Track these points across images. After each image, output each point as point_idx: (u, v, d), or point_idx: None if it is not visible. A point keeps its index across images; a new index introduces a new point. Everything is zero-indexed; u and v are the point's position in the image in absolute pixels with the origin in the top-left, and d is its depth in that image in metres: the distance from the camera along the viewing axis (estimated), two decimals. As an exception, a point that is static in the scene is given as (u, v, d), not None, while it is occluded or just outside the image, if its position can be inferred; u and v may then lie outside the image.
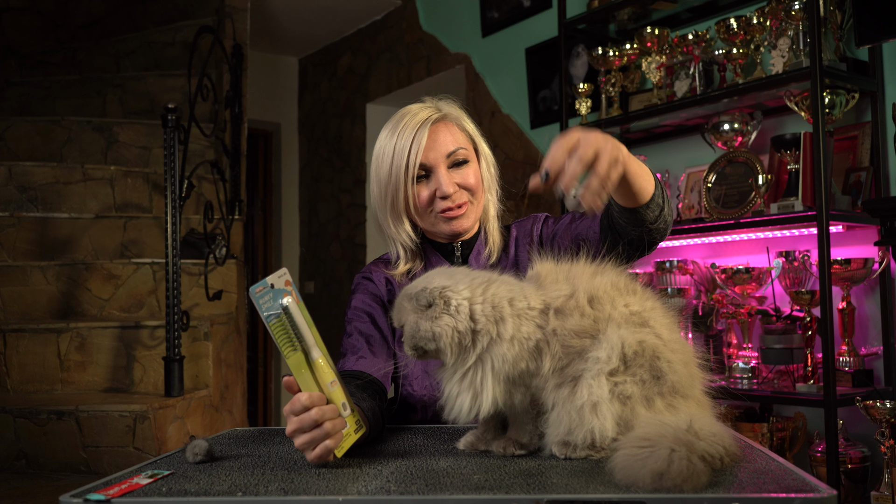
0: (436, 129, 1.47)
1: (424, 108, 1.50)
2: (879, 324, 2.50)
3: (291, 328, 1.06)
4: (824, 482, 1.24)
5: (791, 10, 2.49)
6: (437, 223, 1.49)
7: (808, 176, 2.47)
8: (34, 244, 3.25)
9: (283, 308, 1.06)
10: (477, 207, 1.51)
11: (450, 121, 1.50)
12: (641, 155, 3.04)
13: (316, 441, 1.04)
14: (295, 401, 1.04)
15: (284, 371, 5.77)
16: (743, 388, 2.55)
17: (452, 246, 1.54)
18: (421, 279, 1.12)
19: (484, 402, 1.05)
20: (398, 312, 1.11)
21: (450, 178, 1.46)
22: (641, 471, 0.89)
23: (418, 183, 1.47)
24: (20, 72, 4.47)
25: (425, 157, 1.45)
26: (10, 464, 2.45)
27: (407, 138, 1.45)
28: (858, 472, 2.36)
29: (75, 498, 0.90)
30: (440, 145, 1.46)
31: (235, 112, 3.77)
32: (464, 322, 1.05)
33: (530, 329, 1.06)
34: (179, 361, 2.62)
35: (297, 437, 1.04)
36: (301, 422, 1.03)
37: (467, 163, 1.49)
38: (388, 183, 1.47)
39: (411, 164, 1.44)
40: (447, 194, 1.45)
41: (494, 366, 1.05)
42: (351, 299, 1.54)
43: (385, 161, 1.47)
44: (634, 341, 1.05)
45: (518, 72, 3.96)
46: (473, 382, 1.05)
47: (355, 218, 5.36)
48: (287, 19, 5.20)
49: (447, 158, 1.46)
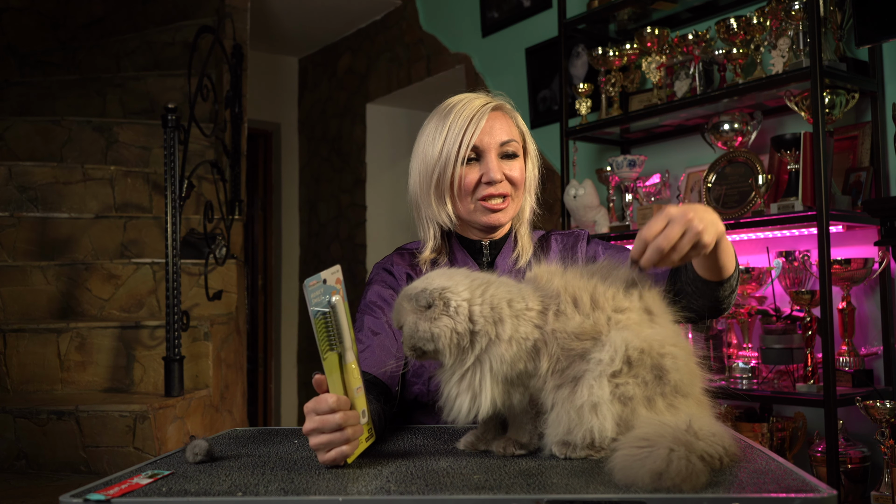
0: (494, 116, 1.49)
1: (480, 96, 1.51)
2: (879, 324, 2.50)
3: (335, 327, 1.06)
4: (824, 482, 1.24)
5: (791, 10, 2.49)
6: (476, 212, 1.49)
7: (808, 176, 2.47)
8: (34, 244, 3.25)
9: (332, 306, 1.05)
10: (516, 204, 1.52)
11: (506, 112, 1.52)
12: (641, 155, 3.04)
13: (333, 444, 1.03)
14: (321, 400, 1.04)
15: (293, 366, 5.78)
16: (743, 388, 2.55)
17: (481, 245, 1.54)
18: (420, 280, 1.12)
19: (483, 403, 1.05)
20: (397, 313, 1.11)
21: (499, 165, 1.47)
22: (640, 471, 0.89)
23: (467, 164, 1.47)
24: (20, 72, 4.47)
25: (480, 139, 1.46)
26: (10, 464, 2.45)
27: (465, 118, 1.46)
28: (858, 472, 2.36)
29: (75, 498, 0.90)
30: (496, 132, 1.48)
31: (235, 112, 3.77)
32: (462, 323, 1.05)
33: (528, 329, 1.06)
34: (179, 361, 2.62)
35: (314, 437, 1.04)
36: (323, 422, 1.03)
37: (516, 157, 1.50)
38: (437, 161, 1.46)
39: (465, 144, 1.45)
40: (494, 180, 1.46)
41: (493, 367, 1.05)
42: (366, 290, 1.53)
43: (437, 141, 1.47)
44: (639, 341, 1.05)
45: (518, 72, 3.96)
46: (472, 383, 1.05)
47: (355, 218, 5.36)
48: (287, 19, 5.19)
49: (500, 146, 1.48)
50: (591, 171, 3.42)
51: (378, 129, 5.34)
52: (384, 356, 1.42)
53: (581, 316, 1.08)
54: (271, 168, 5.97)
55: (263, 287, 5.78)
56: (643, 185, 3.01)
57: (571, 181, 3.16)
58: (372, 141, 5.32)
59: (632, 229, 2.97)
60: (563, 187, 3.19)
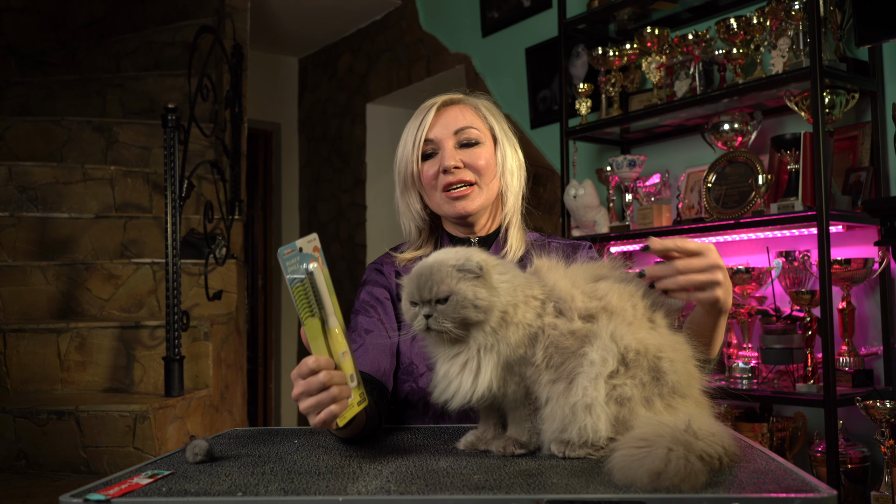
0: (446, 109, 1.51)
1: (444, 94, 1.54)
2: (879, 324, 2.50)
3: (313, 294, 1.05)
4: (824, 482, 1.24)
5: (791, 10, 2.49)
6: (443, 204, 1.50)
7: (808, 176, 2.47)
8: (34, 244, 3.25)
9: (308, 273, 1.05)
10: (485, 192, 1.51)
11: (465, 104, 1.53)
12: (641, 155, 3.04)
13: (322, 405, 1.03)
14: (302, 364, 1.04)
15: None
16: (743, 388, 2.55)
17: (469, 242, 1.54)
18: (451, 251, 1.11)
19: (481, 384, 1.05)
20: (440, 283, 1.06)
21: (455, 153, 1.48)
22: (639, 470, 0.89)
23: (426, 160, 1.50)
24: (20, 72, 4.47)
25: (432, 132, 1.49)
26: (10, 464, 2.45)
27: (419, 115, 1.51)
28: (858, 472, 2.36)
29: (75, 498, 0.90)
30: (449, 122, 1.49)
31: (235, 112, 3.77)
32: (504, 296, 1.06)
33: (531, 316, 1.07)
34: (179, 361, 2.62)
35: (302, 401, 1.04)
36: (308, 385, 1.03)
37: (479, 144, 1.50)
38: (401, 160, 1.52)
39: (418, 139, 1.48)
40: (448, 167, 1.47)
41: (500, 348, 1.05)
42: (360, 290, 1.55)
43: (402, 142, 1.52)
44: (635, 342, 1.05)
45: (518, 72, 3.96)
46: (479, 362, 1.05)
47: (355, 218, 5.36)
48: (287, 19, 5.20)
49: (454, 135, 1.49)
50: (591, 171, 3.43)
51: (378, 129, 5.34)
52: (378, 354, 1.42)
53: (577, 314, 1.08)
54: (271, 168, 5.97)
55: (263, 287, 5.79)
56: (643, 185, 3.01)
57: (571, 181, 3.16)
58: (372, 141, 5.32)
59: (632, 229, 2.97)
60: (563, 187, 3.19)
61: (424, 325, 1.07)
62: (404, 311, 1.12)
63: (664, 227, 2.88)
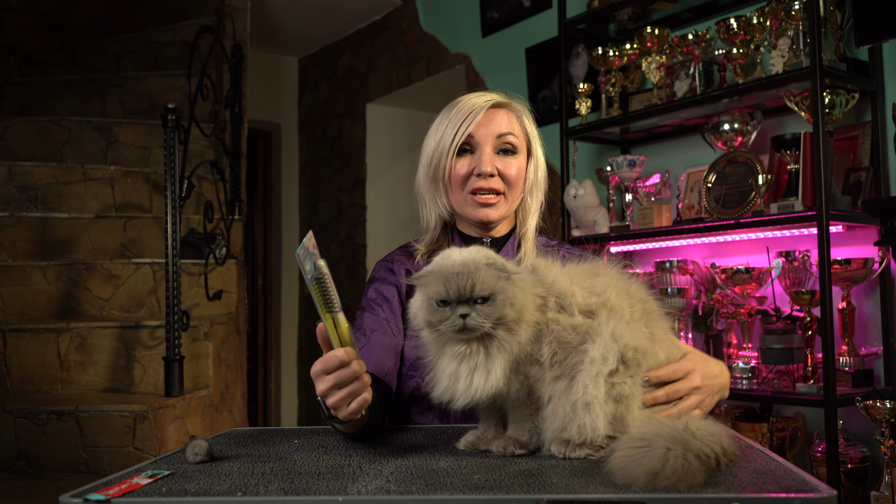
0: (496, 111, 1.48)
1: (490, 94, 1.51)
2: (879, 324, 2.50)
3: (329, 290, 1.06)
4: (824, 482, 1.24)
5: (791, 10, 2.49)
6: (466, 205, 1.48)
7: (808, 176, 2.47)
8: (34, 244, 3.25)
9: (319, 269, 1.05)
10: (510, 203, 1.50)
11: (511, 110, 1.50)
12: (641, 155, 3.04)
13: (355, 394, 1.03)
14: (331, 357, 1.03)
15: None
16: (743, 388, 2.55)
17: (482, 242, 1.53)
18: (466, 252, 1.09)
19: (493, 382, 1.04)
20: (482, 282, 1.04)
21: (492, 159, 1.46)
22: (637, 470, 0.90)
23: (460, 156, 1.47)
24: (20, 72, 4.47)
25: (475, 129, 1.46)
26: (10, 464, 2.45)
27: (466, 111, 1.46)
28: (858, 472, 2.36)
29: (75, 498, 0.90)
30: (494, 124, 1.47)
31: (235, 112, 3.77)
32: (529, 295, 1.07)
33: (537, 315, 1.08)
34: (179, 361, 2.62)
35: (333, 394, 1.04)
36: (340, 377, 1.03)
37: (514, 153, 1.48)
38: (435, 151, 1.48)
39: (460, 133, 1.45)
40: (484, 172, 1.44)
41: (513, 346, 1.05)
42: (367, 288, 1.53)
43: (438, 132, 1.48)
44: (633, 341, 1.05)
45: (518, 72, 3.96)
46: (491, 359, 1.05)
47: (355, 218, 5.36)
48: (287, 19, 5.19)
49: (496, 139, 1.47)
50: (591, 171, 3.42)
51: (378, 129, 5.34)
52: (382, 353, 1.42)
53: (577, 310, 1.09)
54: (271, 168, 5.97)
55: (263, 287, 5.79)
56: (643, 185, 3.01)
57: (571, 181, 3.16)
58: (372, 141, 5.31)
59: (632, 229, 2.97)
60: (563, 187, 3.19)
61: (461, 325, 1.04)
62: (427, 311, 1.08)
63: (664, 227, 2.88)
